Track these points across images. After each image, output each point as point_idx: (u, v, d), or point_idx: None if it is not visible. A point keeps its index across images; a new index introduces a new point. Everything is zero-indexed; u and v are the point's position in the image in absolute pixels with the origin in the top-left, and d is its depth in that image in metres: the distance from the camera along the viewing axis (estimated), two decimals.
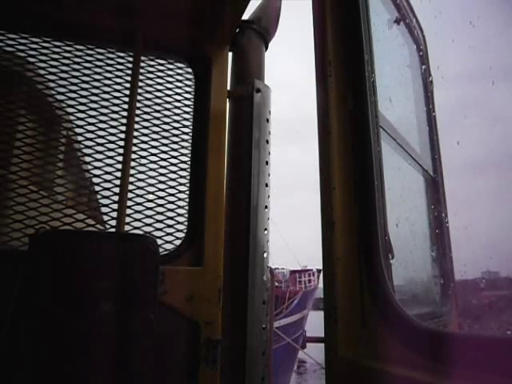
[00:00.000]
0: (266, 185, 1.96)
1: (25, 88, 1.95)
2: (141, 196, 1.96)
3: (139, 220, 1.94)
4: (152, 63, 2.14)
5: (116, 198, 1.88)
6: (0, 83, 1.95)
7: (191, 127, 2.14)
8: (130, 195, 1.89)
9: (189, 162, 2.09)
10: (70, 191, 1.96)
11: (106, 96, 2.00)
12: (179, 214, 2.01)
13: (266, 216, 1.93)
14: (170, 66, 2.18)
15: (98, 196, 1.95)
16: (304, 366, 16.63)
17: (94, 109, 1.97)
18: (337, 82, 1.21)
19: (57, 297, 1.44)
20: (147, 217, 1.96)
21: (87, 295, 1.48)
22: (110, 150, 1.95)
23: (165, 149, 2.06)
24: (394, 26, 1.74)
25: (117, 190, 1.89)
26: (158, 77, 2.14)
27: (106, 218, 1.92)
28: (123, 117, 1.98)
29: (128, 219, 1.88)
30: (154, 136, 2.06)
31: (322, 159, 1.19)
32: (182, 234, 1.99)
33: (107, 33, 2.02)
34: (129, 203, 1.88)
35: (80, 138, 1.97)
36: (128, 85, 2.01)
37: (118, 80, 2.04)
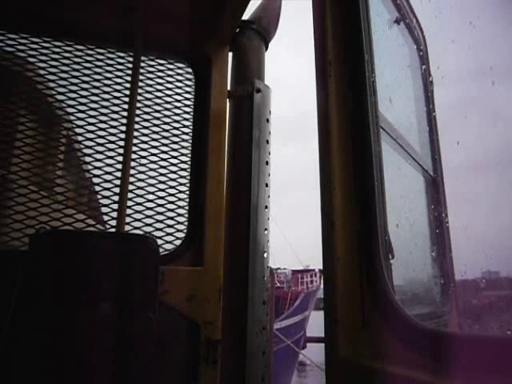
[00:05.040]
0: (266, 185, 1.96)
1: (25, 88, 1.95)
2: (141, 196, 1.96)
3: (139, 220, 1.94)
4: (152, 63, 2.14)
5: (116, 198, 1.88)
6: (0, 83, 1.95)
7: (191, 127, 2.14)
8: (130, 195, 1.89)
9: (189, 162, 2.09)
10: (70, 191, 1.96)
11: (106, 96, 2.00)
12: (179, 214, 2.01)
13: (266, 216, 1.93)
14: (170, 66, 2.18)
15: (98, 196, 1.95)
16: (304, 368, 16.61)
17: (94, 109, 1.97)
18: (337, 82, 1.20)
19: (57, 297, 1.44)
20: (147, 217, 1.96)
21: (87, 295, 1.48)
22: (110, 150, 1.95)
23: (165, 149, 2.06)
24: (394, 26, 1.74)
25: (117, 190, 1.89)
26: (158, 77, 2.14)
27: (106, 217, 1.92)
28: (123, 117, 1.98)
29: (128, 219, 1.88)
30: (154, 136, 2.06)
31: (322, 159, 1.19)
32: (182, 234, 1.99)
33: (107, 33, 2.02)
34: (129, 203, 1.88)
35: (80, 138, 1.97)
36: (128, 85, 2.01)
37: (118, 80, 2.03)
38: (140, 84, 2.04)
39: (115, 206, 1.85)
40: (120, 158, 1.91)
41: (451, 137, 2.02)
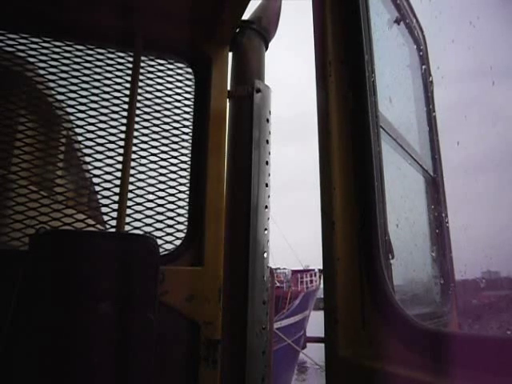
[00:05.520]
0: (266, 185, 1.96)
1: (25, 88, 1.95)
2: (141, 196, 1.96)
3: (139, 220, 1.94)
4: (152, 63, 2.14)
5: (116, 198, 1.88)
6: (0, 83, 1.95)
7: (191, 127, 2.14)
8: (130, 195, 1.89)
9: (189, 162, 2.09)
10: (70, 191, 1.96)
11: (106, 96, 2.00)
12: (179, 214, 2.01)
13: (266, 216, 1.93)
14: (170, 66, 2.18)
15: (98, 196, 1.95)
16: (304, 366, 16.64)
17: (94, 109, 1.97)
18: (337, 81, 1.20)
19: (57, 297, 1.44)
20: (147, 217, 1.96)
21: (87, 295, 1.48)
22: (110, 150, 1.95)
23: (165, 149, 2.06)
24: (394, 26, 1.74)
25: (117, 190, 1.89)
26: (158, 77, 2.14)
27: (106, 217, 1.92)
28: (123, 117, 1.98)
29: (128, 219, 1.88)
30: (154, 136, 2.06)
31: (322, 159, 1.19)
32: (182, 234, 1.99)
33: (107, 33, 2.02)
34: (129, 203, 1.88)
35: (80, 138, 1.97)
36: (128, 85, 2.01)
37: (118, 80, 2.03)
38: (140, 84, 2.04)
39: (115, 206, 1.85)
40: (120, 158, 1.91)
41: (451, 137, 2.02)
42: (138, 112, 2.01)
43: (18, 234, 1.73)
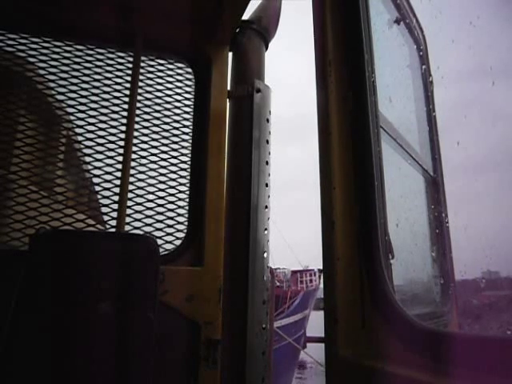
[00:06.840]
0: (266, 185, 1.96)
1: (25, 88, 1.95)
2: (141, 196, 1.96)
3: (139, 220, 1.94)
4: (152, 63, 2.14)
5: (116, 198, 1.88)
6: (0, 83, 1.95)
7: (191, 127, 2.14)
8: (130, 195, 1.89)
9: (189, 162, 2.09)
10: (70, 191, 1.96)
11: (106, 96, 2.00)
12: (179, 214, 2.01)
13: (266, 216, 1.93)
14: (170, 66, 2.18)
15: (98, 196, 1.95)
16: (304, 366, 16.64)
17: (94, 109, 1.97)
18: (337, 81, 1.21)
19: (57, 297, 1.44)
20: (147, 217, 1.96)
21: (87, 295, 1.48)
22: (110, 149, 1.95)
23: (165, 149, 2.06)
24: (394, 26, 1.74)
25: (117, 190, 1.89)
26: (158, 77, 2.14)
27: (106, 217, 1.92)
28: (123, 117, 1.98)
29: (128, 219, 1.88)
30: (154, 136, 2.06)
31: (322, 159, 1.19)
32: (182, 234, 1.99)
33: (107, 33, 2.02)
34: (129, 203, 1.88)
35: (80, 138, 1.97)
36: (128, 85, 2.01)
37: (118, 80, 2.04)
38: (140, 84, 2.04)
39: (115, 206, 1.85)
40: (120, 158, 1.91)
41: (451, 137, 2.02)
42: (138, 112, 2.01)
43: (18, 234, 1.73)
